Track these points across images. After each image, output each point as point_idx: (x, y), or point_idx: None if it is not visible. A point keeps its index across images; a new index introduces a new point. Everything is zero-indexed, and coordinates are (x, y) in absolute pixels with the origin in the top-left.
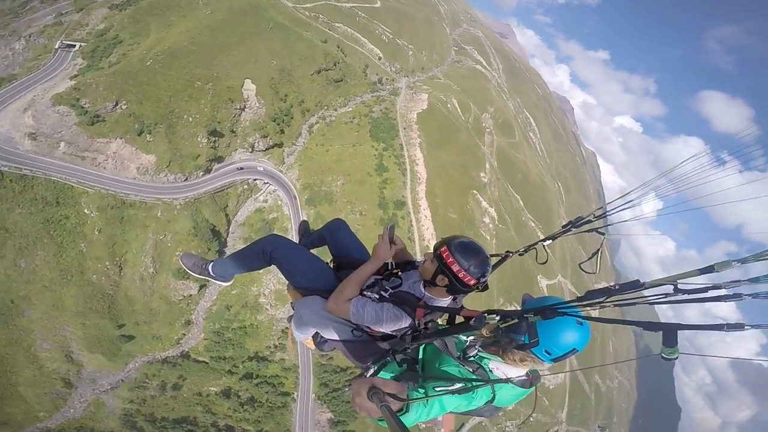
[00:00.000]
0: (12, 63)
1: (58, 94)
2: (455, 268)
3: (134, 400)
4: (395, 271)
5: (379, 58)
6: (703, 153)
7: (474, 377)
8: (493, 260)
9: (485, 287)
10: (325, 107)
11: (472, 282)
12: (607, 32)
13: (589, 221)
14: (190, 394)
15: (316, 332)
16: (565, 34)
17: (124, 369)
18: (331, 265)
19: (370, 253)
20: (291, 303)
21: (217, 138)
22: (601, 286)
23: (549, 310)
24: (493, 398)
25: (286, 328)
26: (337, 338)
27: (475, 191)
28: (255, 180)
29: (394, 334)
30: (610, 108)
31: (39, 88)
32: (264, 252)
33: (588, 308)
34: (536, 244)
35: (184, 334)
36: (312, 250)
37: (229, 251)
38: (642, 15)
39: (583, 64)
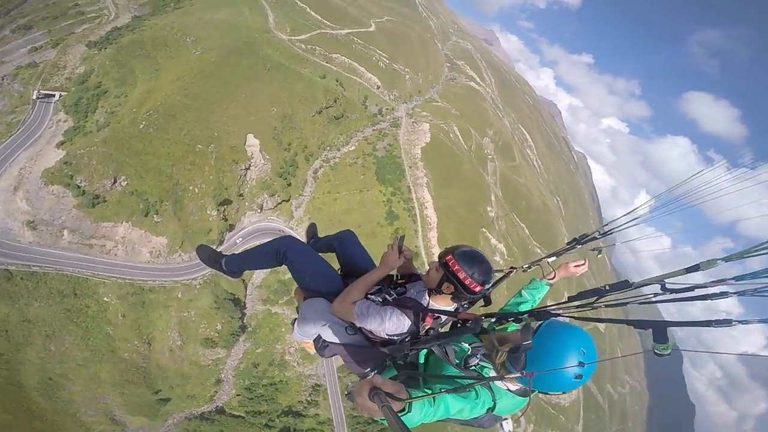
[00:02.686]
0: None
1: (47, 169)
2: (461, 275)
3: None
4: (400, 281)
5: (378, 87)
6: (691, 151)
7: (473, 379)
8: (497, 276)
9: (488, 302)
10: (328, 148)
11: (477, 288)
12: (589, 36)
13: (594, 238)
14: None
15: (318, 336)
16: (548, 38)
17: (164, 425)
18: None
19: (378, 263)
20: (297, 306)
21: (226, 206)
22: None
23: (543, 312)
24: (494, 407)
25: (317, 384)
26: (338, 341)
27: (484, 229)
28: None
29: (394, 339)
30: (596, 110)
31: (23, 156)
32: (278, 252)
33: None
34: (540, 260)
35: (216, 391)
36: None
37: (249, 313)
38: (623, 19)
39: (567, 67)
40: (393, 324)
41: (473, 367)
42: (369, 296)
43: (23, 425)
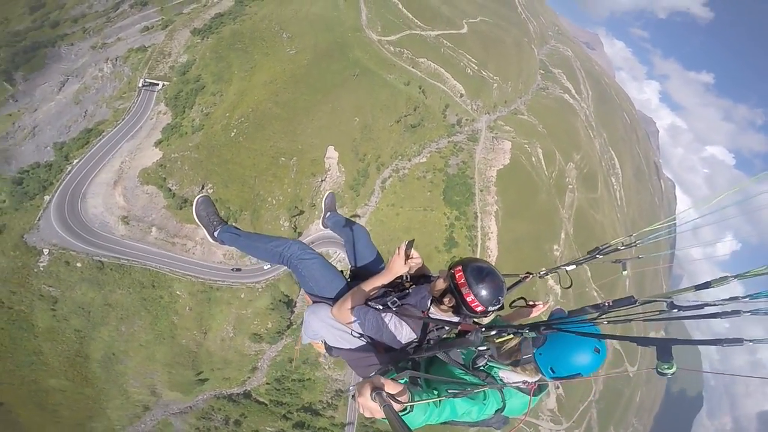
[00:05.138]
0: (101, 89)
1: (144, 169)
2: (465, 291)
3: (200, 428)
4: (408, 284)
5: (461, 95)
6: None
7: (482, 382)
8: (513, 279)
9: (500, 308)
10: (399, 157)
11: (480, 309)
12: (715, 54)
13: (617, 249)
14: (249, 431)
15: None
16: (664, 50)
17: (194, 399)
18: (348, 274)
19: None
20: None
21: (297, 217)
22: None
23: (544, 325)
24: (503, 407)
25: (341, 390)
26: (341, 346)
27: (544, 268)
28: (326, 251)
29: (395, 346)
30: (701, 135)
31: (125, 147)
32: (282, 255)
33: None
34: (558, 268)
35: (249, 377)
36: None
37: (297, 312)
38: (763, 41)
39: (679, 84)
40: (390, 331)
41: (482, 368)
42: (369, 302)
43: (76, 390)
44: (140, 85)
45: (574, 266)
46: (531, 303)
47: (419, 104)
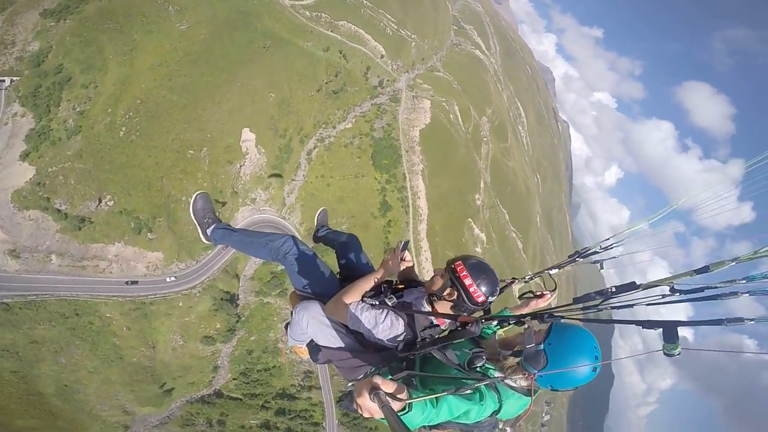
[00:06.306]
0: None
1: (17, 191)
2: (467, 282)
3: None
4: (399, 286)
5: (382, 56)
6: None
7: (478, 379)
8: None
9: (488, 314)
10: (323, 125)
11: (481, 299)
12: (606, 11)
13: (595, 252)
14: (235, 428)
15: (311, 340)
16: (562, 6)
17: (168, 410)
18: (338, 277)
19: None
20: (291, 311)
21: (220, 209)
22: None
23: (546, 314)
24: (500, 408)
25: (309, 371)
26: (331, 345)
27: (470, 219)
28: None
29: (388, 344)
30: (590, 83)
31: None
32: (278, 251)
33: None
34: (543, 272)
35: (214, 377)
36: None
37: (242, 304)
38: (650, 4)
39: (573, 37)
40: (386, 326)
41: (478, 369)
42: (365, 299)
43: (49, 426)
44: None
45: (557, 270)
46: (539, 293)
47: (340, 69)
